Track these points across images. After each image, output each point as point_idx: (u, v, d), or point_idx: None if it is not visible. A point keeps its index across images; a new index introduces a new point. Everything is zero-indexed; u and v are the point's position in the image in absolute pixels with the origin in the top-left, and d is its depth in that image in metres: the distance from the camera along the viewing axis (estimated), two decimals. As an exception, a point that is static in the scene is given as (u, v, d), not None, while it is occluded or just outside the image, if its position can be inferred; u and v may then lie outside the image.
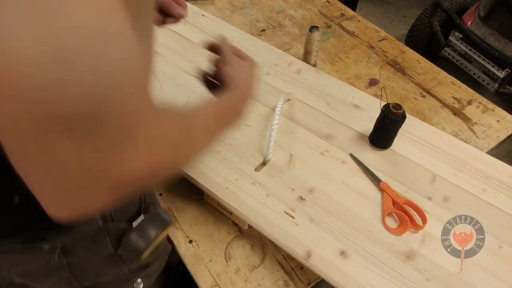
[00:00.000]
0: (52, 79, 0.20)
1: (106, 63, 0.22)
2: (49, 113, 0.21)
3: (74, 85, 0.21)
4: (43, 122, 0.21)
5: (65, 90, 0.21)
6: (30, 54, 0.19)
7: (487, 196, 0.72)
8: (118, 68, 0.22)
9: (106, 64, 0.22)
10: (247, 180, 0.72)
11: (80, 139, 0.23)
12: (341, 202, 0.70)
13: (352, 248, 0.65)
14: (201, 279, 0.68)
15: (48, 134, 0.22)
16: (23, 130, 0.22)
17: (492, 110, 0.93)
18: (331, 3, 1.22)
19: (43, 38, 0.19)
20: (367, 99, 0.87)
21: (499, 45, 1.68)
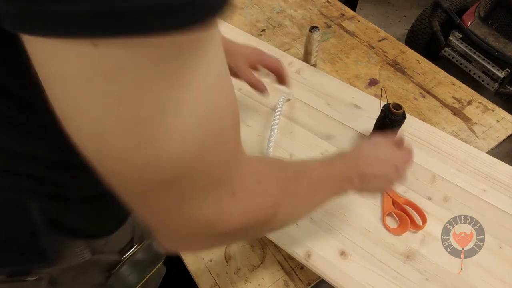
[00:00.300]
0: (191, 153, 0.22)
1: (221, 124, 0.23)
2: (156, 176, 0.22)
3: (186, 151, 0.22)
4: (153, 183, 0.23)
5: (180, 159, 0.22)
6: (187, 135, 0.21)
7: (487, 196, 0.72)
8: (228, 124, 0.24)
9: (222, 126, 0.23)
10: (247, 180, 0.72)
11: (177, 194, 0.24)
12: (341, 202, 0.70)
13: (352, 248, 0.65)
14: (201, 279, 0.68)
15: (151, 192, 0.23)
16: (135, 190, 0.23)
17: (492, 110, 0.93)
18: (331, 3, 1.22)
19: (213, 125, 0.22)
20: (367, 99, 0.87)
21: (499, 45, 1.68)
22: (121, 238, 0.49)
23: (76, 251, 0.42)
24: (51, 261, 0.40)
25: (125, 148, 0.21)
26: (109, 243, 0.47)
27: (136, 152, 0.21)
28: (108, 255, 0.47)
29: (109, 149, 0.21)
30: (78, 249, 0.42)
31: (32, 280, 0.41)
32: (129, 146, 0.21)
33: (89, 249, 0.44)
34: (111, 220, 0.45)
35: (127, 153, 0.21)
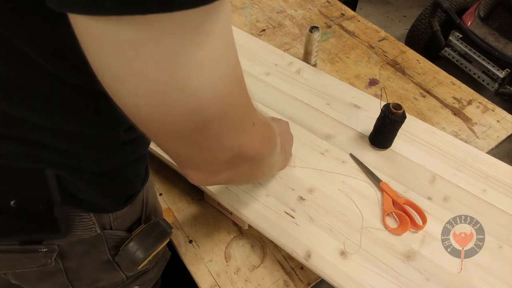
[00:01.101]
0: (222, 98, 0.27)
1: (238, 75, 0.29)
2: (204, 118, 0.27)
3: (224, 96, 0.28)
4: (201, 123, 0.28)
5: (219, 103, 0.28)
6: (220, 85, 0.26)
7: (487, 196, 0.72)
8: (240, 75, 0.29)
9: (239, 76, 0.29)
10: (247, 180, 0.72)
11: (216, 130, 0.29)
12: (341, 202, 0.70)
13: (352, 248, 0.65)
14: (201, 279, 0.68)
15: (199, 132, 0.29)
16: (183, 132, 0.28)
17: (492, 110, 0.93)
18: (331, 3, 1.22)
19: (235, 74, 0.28)
20: (367, 99, 0.87)
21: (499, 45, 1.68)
22: (129, 215, 0.51)
23: (86, 224, 0.44)
24: (63, 232, 0.42)
25: (178, 98, 0.25)
26: (118, 219, 0.48)
27: (185, 103, 0.26)
28: (117, 231, 0.49)
29: (163, 102, 0.25)
30: (88, 222, 0.44)
31: (43, 251, 0.43)
32: (180, 96, 0.25)
33: (99, 224, 0.45)
34: (121, 196, 0.47)
35: (180, 103, 0.25)
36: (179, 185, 0.79)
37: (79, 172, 0.40)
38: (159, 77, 0.24)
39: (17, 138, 0.36)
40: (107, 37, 0.22)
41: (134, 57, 0.23)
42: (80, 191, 0.41)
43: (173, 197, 0.78)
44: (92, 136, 0.39)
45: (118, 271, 0.53)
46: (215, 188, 0.71)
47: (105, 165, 0.42)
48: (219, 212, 0.75)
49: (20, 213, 0.39)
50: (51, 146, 0.37)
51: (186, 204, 0.77)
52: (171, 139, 0.30)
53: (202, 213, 0.76)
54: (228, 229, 0.74)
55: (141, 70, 0.23)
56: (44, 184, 0.38)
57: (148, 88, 0.24)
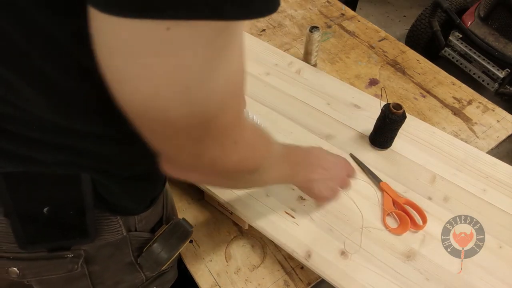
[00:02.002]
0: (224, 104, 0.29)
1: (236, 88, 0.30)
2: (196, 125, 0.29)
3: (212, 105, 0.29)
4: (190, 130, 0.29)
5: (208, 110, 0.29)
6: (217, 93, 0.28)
7: (487, 196, 0.72)
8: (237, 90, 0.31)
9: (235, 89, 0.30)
10: (247, 180, 0.72)
11: (197, 136, 0.30)
12: (341, 202, 0.70)
13: (352, 248, 0.65)
14: (201, 279, 0.68)
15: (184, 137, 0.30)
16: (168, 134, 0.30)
17: (492, 110, 0.94)
18: (331, 3, 1.22)
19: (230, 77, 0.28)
20: (367, 99, 0.87)
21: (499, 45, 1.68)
22: (153, 216, 0.52)
23: (114, 227, 0.45)
24: (92, 237, 0.43)
25: (178, 104, 0.27)
26: (143, 221, 0.49)
27: (186, 107, 0.27)
28: (141, 233, 0.50)
29: (164, 105, 0.26)
30: (116, 225, 0.45)
31: (70, 257, 0.44)
32: (182, 102, 0.26)
33: (125, 226, 0.46)
34: (147, 198, 0.48)
35: (179, 107, 0.27)
36: (179, 185, 0.79)
37: (113, 176, 0.41)
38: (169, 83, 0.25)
39: (55, 145, 0.36)
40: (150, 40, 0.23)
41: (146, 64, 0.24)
42: (111, 195, 0.42)
43: (173, 197, 0.78)
44: (127, 139, 0.39)
45: (140, 272, 0.54)
46: (214, 188, 0.71)
47: (136, 167, 0.43)
48: (219, 212, 0.75)
49: (51, 220, 0.39)
50: (88, 152, 0.38)
51: (186, 204, 0.77)
52: (153, 131, 0.30)
53: (202, 213, 0.76)
54: (228, 229, 0.74)
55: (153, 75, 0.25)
56: (78, 190, 0.39)
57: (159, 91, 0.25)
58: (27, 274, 0.44)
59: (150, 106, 0.27)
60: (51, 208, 0.39)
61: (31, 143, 0.36)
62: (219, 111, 0.29)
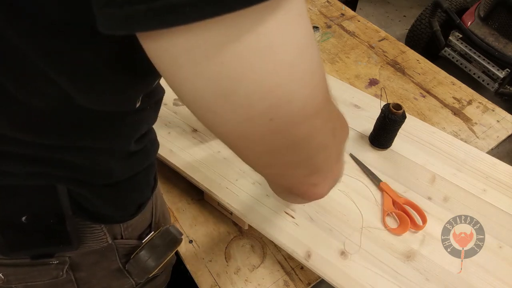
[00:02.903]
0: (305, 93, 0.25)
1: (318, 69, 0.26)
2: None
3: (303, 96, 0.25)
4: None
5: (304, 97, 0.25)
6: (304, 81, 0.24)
7: (487, 196, 0.72)
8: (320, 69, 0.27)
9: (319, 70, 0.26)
10: (247, 180, 0.72)
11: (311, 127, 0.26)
12: (341, 202, 0.70)
13: (352, 248, 0.65)
14: (201, 279, 0.68)
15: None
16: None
17: (492, 110, 0.93)
18: (331, 3, 1.22)
19: (307, 66, 0.24)
20: (367, 99, 0.87)
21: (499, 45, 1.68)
22: (140, 223, 0.50)
23: (98, 236, 0.44)
24: (75, 245, 0.42)
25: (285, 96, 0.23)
26: (129, 228, 0.48)
27: (293, 99, 0.23)
28: (128, 240, 0.49)
29: (268, 109, 0.23)
30: (100, 234, 0.44)
31: (54, 264, 0.43)
32: (289, 93, 0.23)
33: (109, 234, 0.45)
34: (132, 205, 0.47)
35: (289, 98, 0.23)
36: (179, 185, 0.79)
37: (90, 186, 0.40)
38: (264, 78, 0.22)
39: (28, 157, 0.36)
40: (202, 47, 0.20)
41: (230, 58, 0.21)
42: (91, 204, 0.41)
43: (173, 197, 0.78)
44: (103, 149, 0.39)
45: (128, 278, 0.53)
46: (214, 188, 0.71)
47: (115, 176, 0.42)
48: (219, 212, 0.75)
49: (31, 228, 0.39)
50: (62, 163, 0.37)
51: (186, 204, 0.77)
52: (262, 155, 0.27)
53: (202, 213, 0.76)
54: (228, 229, 0.74)
55: (242, 75, 0.21)
56: (55, 200, 0.38)
57: (255, 93, 0.22)
58: (12, 280, 0.43)
59: (259, 116, 0.23)
60: (29, 217, 0.38)
61: (3, 157, 0.35)
62: (320, 91, 0.26)
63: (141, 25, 0.19)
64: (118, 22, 0.20)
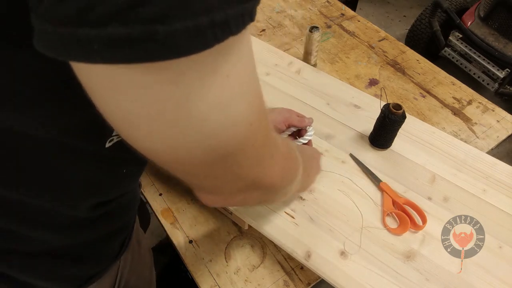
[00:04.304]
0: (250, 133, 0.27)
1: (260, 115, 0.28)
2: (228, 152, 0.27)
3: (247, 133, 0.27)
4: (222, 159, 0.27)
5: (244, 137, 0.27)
6: (239, 120, 0.25)
7: (487, 196, 0.72)
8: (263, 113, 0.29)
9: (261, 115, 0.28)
10: (247, 180, 0.72)
11: (233, 163, 0.29)
12: (341, 202, 0.70)
13: (352, 248, 0.65)
14: (201, 279, 0.68)
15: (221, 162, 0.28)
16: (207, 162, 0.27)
17: (492, 110, 0.93)
18: (331, 3, 1.22)
19: (255, 108, 0.27)
20: (367, 99, 0.87)
21: (499, 45, 1.68)
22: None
23: None
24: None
25: (196, 140, 0.24)
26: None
27: (204, 143, 0.25)
28: None
29: (180, 144, 0.24)
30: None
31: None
32: (199, 138, 0.24)
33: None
34: (75, 278, 0.41)
35: (198, 143, 0.25)
36: (179, 185, 0.79)
37: (16, 254, 0.35)
38: (176, 121, 0.23)
39: None
40: (119, 83, 0.21)
41: (149, 102, 0.21)
42: (25, 276, 0.36)
43: (173, 197, 0.78)
44: (40, 208, 0.34)
45: None
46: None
47: (53, 244, 0.37)
48: (219, 212, 0.75)
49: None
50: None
51: (186, 204, 0.77)
52: (188, 174, 0.29)
53: (202, 213, 0.76)
54: (228, 229, 0.74)
55: (156, 114, 0.22)
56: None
57: (165, 132, 0.23)
58: None
59: (168, 149, 0.25)
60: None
61: None
62: (250, 133, 0.27)
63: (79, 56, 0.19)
64: (37, 36, 0.19)
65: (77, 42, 0.17)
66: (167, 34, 0.18)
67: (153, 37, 0.17)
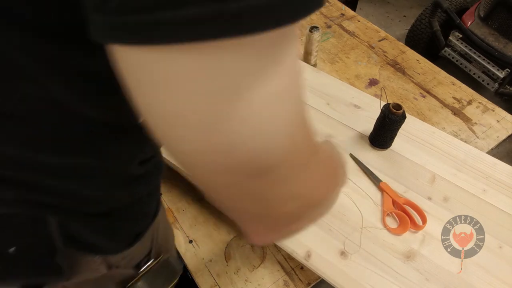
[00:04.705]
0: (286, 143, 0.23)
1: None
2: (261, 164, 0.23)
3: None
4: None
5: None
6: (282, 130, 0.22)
7: (487, 196, 0.72)
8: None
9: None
10: (247, 180, 0.72)
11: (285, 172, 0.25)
12: (341, 202, 0.70)
13: (352, 248, 0.65)
14: (201, 279, 0.68)
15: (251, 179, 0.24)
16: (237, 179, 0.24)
17: (492, 110, 0.93)
18: (331, 3, 1.22)
19: (292, 115, 0.23)
20: (367, 99, 0.87)
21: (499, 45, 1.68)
22: (138, 252, 0.48)
23: (92, 266, 0.42)
24: (66, 276, 0.40)
25: (242, 139, 0.22)
26: (126, 258, 0.46)
27: (249, 143, 0.22)
28: (124, 270, 0.46)
29: (224, 143, 0.22)
30: (94, 264, 0.42)
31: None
32: (246, 136, 0.21)
33: (105, 264, 0.43)
34: (128, 235, 0.44)
35: (243, 143, 0.22)
36: (179, 185, 0.79)
37: (83, 216, 0.38)
38: (223, 114, 0.20)
39: (18, 181, 0.34)
40: (167, 69, 0.19)
41: (206, 89, 0.20)
42: (85, 235, 0.39)
43: (173, 197, 0.78)
44: (101, 171, 0.36)
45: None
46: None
47: (112, 203, 0.40)
48: (219, 212, 0.75)
49: (19, 259, 0.37)
50: (54, 190, 0.35)
51: (186, 204, 0.77)
52: (219, 186, 0.25)
53: (202, 213, 0.76)
54: (228, 229, 0.74)
55: (210, 105, 0.20)
56: (45, 232, 0.36)
57: (209, 127, 0.21)
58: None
59: (211, 150, 0.22)
60: (18, 248, 0.36)
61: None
62: (296, 137, 0.24)
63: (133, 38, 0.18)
64: (105, 31, 0.19)
65: (157, 26, 0.18)
66: (241, 10, 0.17)
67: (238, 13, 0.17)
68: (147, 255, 0.50)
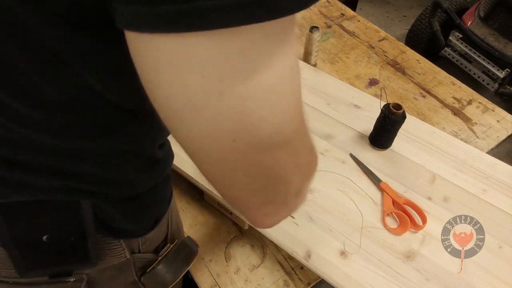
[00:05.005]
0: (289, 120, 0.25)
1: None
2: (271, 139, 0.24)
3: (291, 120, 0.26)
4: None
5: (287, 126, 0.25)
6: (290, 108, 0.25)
7: (487, 196, 0.72)
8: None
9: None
10: (247, 180, 0.72)
11: (296, 148, 0.27)
12: (341, 202, 0.70)
13: (352, 248, 0.65)
14: (201, 279, 0.68)
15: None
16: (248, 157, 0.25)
17: (492, 110, 0.93)
18: (331, 3, 1.22)
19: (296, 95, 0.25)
20: (367, 99, 0.87)
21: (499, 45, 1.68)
22: (156, 237, 0.50)
23: (117, 251, 0.44)
24: (94, 262, 0.41)
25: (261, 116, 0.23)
26: (147, 242, 0.48)
27: (268, 122, 0.23)
28: (145, 254, 0.48)
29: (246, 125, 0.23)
30: (119, 249, 0.44)
31: (71, 281, 0.42)
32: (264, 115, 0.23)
33: (128, 249, 0.45)
34: (150, 219, 0.47)
35: (263, 121, 0.23)
36: (179, 185, 0.79)
37: (113, 199, 0.39)
38: (246, 96, 0.22)
39: (49, 168, 0.35)
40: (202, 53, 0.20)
41: (219, 71, 0.21)
42: (113, 219, 0.41)
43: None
44: (130, 155, 0.38)
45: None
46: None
47: (139, 187, 0.41)
48: (219, 212, 0.75)
49: (51, 247, 0.38)
50: (86, 175, 0.36)
51: (186, 204, 0.77)
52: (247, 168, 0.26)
53: (202, 213, 0.76)
54: (228, 229, 0.74)
55: (224, 88, 0.21)
56: (78, 217, 0.37)
57: (232, 110, 0.22)
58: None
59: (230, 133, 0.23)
60: (51, 235, 0.38)
61: (24, 168, 0.34)
62: (300, 114, 0.27)
63: (165, 27, 0.19)
64: (141, 20, 0.19)
65: (195, 13, 0.19)
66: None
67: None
68: (163, 239, 0.52)
